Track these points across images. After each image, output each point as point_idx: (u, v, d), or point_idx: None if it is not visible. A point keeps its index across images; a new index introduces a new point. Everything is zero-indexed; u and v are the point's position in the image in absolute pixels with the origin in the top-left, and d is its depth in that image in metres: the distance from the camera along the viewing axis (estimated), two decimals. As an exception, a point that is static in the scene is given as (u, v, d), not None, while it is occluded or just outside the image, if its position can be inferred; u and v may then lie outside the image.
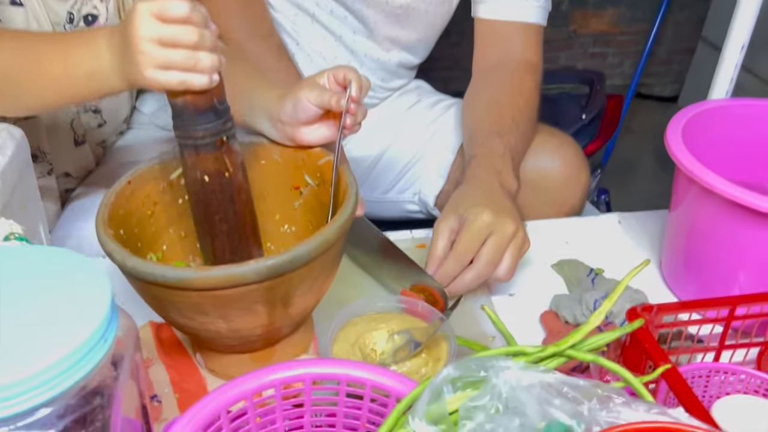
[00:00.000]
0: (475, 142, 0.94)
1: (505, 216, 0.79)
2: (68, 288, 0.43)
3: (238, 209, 0.68)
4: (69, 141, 1.05)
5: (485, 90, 1.02)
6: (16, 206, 0.70)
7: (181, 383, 0.74)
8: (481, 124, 0.95)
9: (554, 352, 0.58)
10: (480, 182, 0.87)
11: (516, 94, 0.98)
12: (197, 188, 0.67)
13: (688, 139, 0.83)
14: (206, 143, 0.63)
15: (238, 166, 0.67)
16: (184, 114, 0.62)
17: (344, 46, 1.07)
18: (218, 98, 0.62)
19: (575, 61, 2.81)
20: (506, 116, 0.95)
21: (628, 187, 2.41)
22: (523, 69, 1.01)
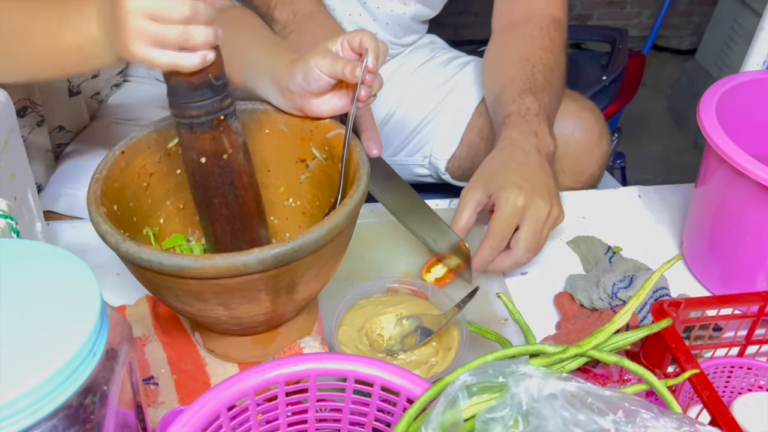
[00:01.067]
0: (506, 100, 0.88)
1: (538, 196, 0.75)
2: (52, 295, 0.39)
3: (239, 194, 0.63)
4: (63, 91, 1.00)
5: (513, 45, 0.95)
6: (3, 175, 0.66)
7: (178, 363, 0.71)
8: (513, 82, 0.89)
9: (576, 353, 0.55)
10: (515, 148, 0.81)
11: (547, 51, 0.92)
12: (194, 169, 0.62)
13: (721, 114, 0.77)
14: (202, 122, 0.58)
15: (239, 147, 0.62)
16: (179, 90, 0.57)
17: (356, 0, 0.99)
18: (215, 74, 0.57)
19: (592, 10, 2.70)
20: (538, 74, 0.89)
21: (641, 144, 2.35)
22: (552, 25, 0.95)
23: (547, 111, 0.86)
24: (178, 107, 0.58)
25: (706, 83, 0.90)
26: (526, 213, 0.75)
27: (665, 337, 0.59)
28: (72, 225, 0.87)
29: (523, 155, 0.80)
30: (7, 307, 0.38)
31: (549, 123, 0.85)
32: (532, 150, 0.80)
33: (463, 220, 0.78)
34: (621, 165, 1.58)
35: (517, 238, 0.75)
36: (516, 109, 0.85)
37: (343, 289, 0.77)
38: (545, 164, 0.80)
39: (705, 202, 0.81)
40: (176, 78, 0.56)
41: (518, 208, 0.74)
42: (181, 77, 0.56)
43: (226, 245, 0.66)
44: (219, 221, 0.64)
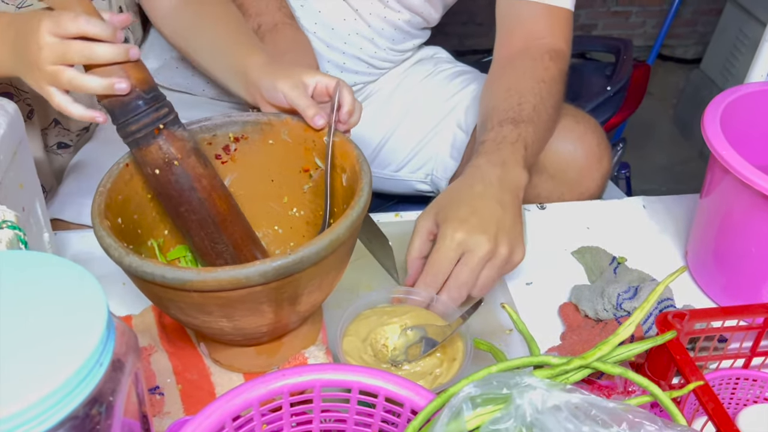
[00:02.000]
0: (485, 128, 0.85)
1: (481, 232, 0.71)
2: (59, 307, 0.40)
3: (202, 197, 0.64)
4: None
5: (505, 76, 0.92)
6: (11, 186, 0.66)
7: (184, 373, 0.71)
8: (496, 111, 0.86)
9: (580, 364, 0.55)
10: (476, 179, 0.78)
11: (539, 81, 0.89)
12: (154, 184, 0.64)
13: (726, 125, 0.77)
14: (143, 135, 0.61)
15: (188, 152, 0.63)
16: (114, 111, 0.60)
17: (347, 4, 1.00)
18: (143, 88, 0.60)
19: (596, 20, 2.71)
20: (526, 104, 0.86)
21: (646, 153, 2.34)
22: (548, 56, 0.92)
23: (527, 142, 0.82)
24: (119, 127, 0.61)
25: (712, 92, 0.90)
26: (465, 249, 0.71)
27: (670, 349, 0.59)
28: (79, 234, 0.87)
29: (482, 187, 0.76)
30: (16, 318, 0.39)
31: (526, 154, 0.82)
32: (493, 181, 0.77)
33: (414, 248, 0.76)
34: (626, 175, 1.58)
35: (452, 273, 0.72)
36: (492, 136, 0.82)
37: (347, 298, 0.77)
38: (505, 198, 0.76)
39: (709, 213, 0.81)
40: (107, 100, 0.59)
41: (455, 243, 0.71)
42: (112, 98, 0.59)
43: (206, 252, 0.67)
44: (193, 229, 0.65)
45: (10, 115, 0.66)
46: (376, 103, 1.12)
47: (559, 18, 0.95)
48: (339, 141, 0.69)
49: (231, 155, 0.72)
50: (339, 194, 0.70)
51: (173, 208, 0.65)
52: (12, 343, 0.38)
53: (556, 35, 0.94)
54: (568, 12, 0.95)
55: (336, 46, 1.01)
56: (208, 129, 0.70)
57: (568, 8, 0.95)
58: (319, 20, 0.99)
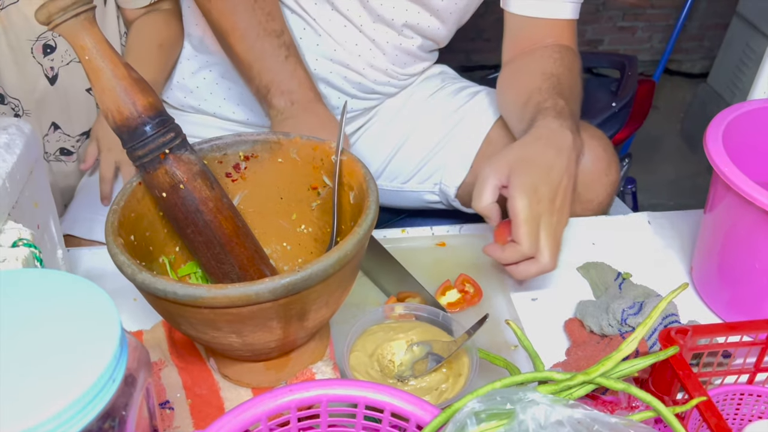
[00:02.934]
0: (539, 100, 0.87)
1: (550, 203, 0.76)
2: (73, 323, 0.41)
3: (208, 219, 0.65)
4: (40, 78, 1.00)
5: (534, 63, 0.95)
6: (26, 205, 0.68)
7: (193, 388, 0.72)
8: (541, 90, 0.89)
9: (583, 380, 0.55)
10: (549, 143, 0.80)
11: (568, 69, 0.93)
12: (161, 206, 0.66)
13: (729, 141, 0.78)
14: (150, 159, 0.62)
15: (195, 175, 0.64)
16: (123, 137, 0.61)
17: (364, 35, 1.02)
18: (149, 114, 0.61)
19: (603, 35, 2.72)
20: (564, 86, 0.90)
21: (653, 167, 2.35)
22: (566, 51, 0.96)
23: (576, 118, 0.87)
24: (128, 151, 0.62)
25: (719, 107, 0.91)
26: (538, 221, 0.76)
27: (673, 365, 0.60)
28: (91, 251, 0.89)
29: (554, 154, 0.79)
30: (32, 335, 0.40)
31: (577, 128, 0.86)
32: (564, 148, 0.80)
33: (484, 197, 0.78)
34: (632, 190, 1.59)
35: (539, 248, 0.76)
36: (551, 104, 0.86)
37: (354, 314, 0.79)
38: (572, 168, 0.80)
39: (713, 229, 0.82)
40: (116, 127, 0.61)
41: (531, 218, 0.75)
42: (120, 124, 0.60)
43: (213, 271, 0.68)
44: (200, 249, 0.67)
45: (26, 135, 0.68)
46: (383, 120, 1.13)
47: (565, 27, 0.99)
48: (346, 160, 0.70)
49: (241, 173, 0.74)
50: (347, 211, 0.71)
51: (180, 229, 0.67)
52: (28, 359, 0.39)
53: (565, 39, 0.99)
54: (573, 21, 1.00)
55: (352, 78, 1.03)
56: (219, 148, 0.72)
57: (572, 18, 0.99)
58: (334, 57, 1.01)
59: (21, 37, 0.97)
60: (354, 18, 0.99)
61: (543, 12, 0.97)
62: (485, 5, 1.13)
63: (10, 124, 0.67)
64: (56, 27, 0.57)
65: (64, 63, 1.01)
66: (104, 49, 0.59)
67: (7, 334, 0.40)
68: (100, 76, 0.59)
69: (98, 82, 0.60)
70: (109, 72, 0.59)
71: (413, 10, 1.00)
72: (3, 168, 0.61)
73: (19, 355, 0.39)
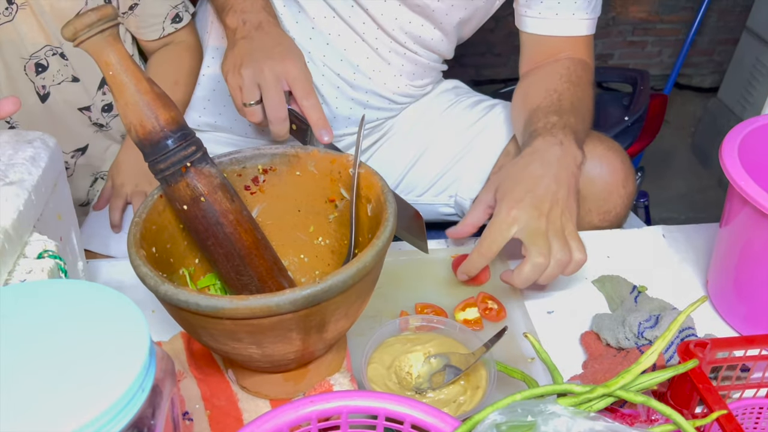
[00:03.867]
0: (532, 122, 0.90)
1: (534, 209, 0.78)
2: (103, 333, 0.42)
3: (228, 231, 0.66)
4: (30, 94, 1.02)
5: (539, 81, 0.98)
6: (51, 217, 0.69)
7: (212, 399, 0.72)
8: (540, 108, 0.92)
9: (603, 392, 0.56)
10: (534, 159, 0.83)
11: (573, 84, 0.95)
12: (183, 218, 0.66)
13: (744, 155, 0.78)
14: (172, 173, 0.63)
15: (215, 188, 0.65)
16: (145, 150, 0.62)
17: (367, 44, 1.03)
18: (171, 128, 0.62)
19: (613, 49, 2.73)
20: (565, 101, 0.92)
21: (665, 181, 2.35)
22: (579, 65, 0.98)
23: (573, 129, 0.88)
24: (150, 165, 0.63)
25: (730, 121, 0.91)
26: (519, 223, 0.78)
27: (692, 378, 0.60)
28: (109, 264, 0.90)
29: (539, 167, 0.82)
30: (62, 345, 0.41)
31: (576, 138, 0.87)
32: (551, 160, 0.82)
33: (472, 216, 0.85)
34: (645, 204, 1.59)
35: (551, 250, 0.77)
36: (542, 125, 0.88)
37: (371, 326, 0.79)
38: (562, 175, 0.81)
39: (729, 243, 0.82)
40: (139, 141, 0.62)
41: (510, 218, 0.78)
42: (143, 137, 0.61)
43: (233, 282, 0.69)
44: (220, 261, 0.67)
45: (51, 149, 0.69)
46: (398, 135, 1.14)
47: (581, 42, 1.01)
48: (364, 172, 0.71)
49: (260, 186, 0.75)
50: (364, 224, 0.72)
51: (201, 241, 0.68)
52: (59, 369, 0.40)
53: (581, 53, 1.00)
54: (590, 36, 1.01)
55: (360, 85, 1.04)
56: (238, 161, 0.73)
57: (588, 35, 1.01)
58: (345, 58, 1.02)
59: (14, 54, 0.98)
60: (357, 26, 1.00)
61: (558, 30, 0.98)
62: (495, 21, 1.15)
63: (36, 137, 0.68)
64: (81, 43, 0.58)
65: (55, 83, 1.03)
66: (128, 65, 0.60)
67: (38, 344, 0.41)
68: (124, 91, 0.60)
69: (122, 97, 0.61)
70: (133, 87, 0.60)
71: (416, 22, 1.01)
72: (29, 181, 0.62)
73: (50, 364, 0.40)
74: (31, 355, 0.40)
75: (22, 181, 0.62)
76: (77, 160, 1.10)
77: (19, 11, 0.95)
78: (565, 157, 0.83)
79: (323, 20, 1.00)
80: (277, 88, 0.82)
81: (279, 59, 0.82)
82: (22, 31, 0.96)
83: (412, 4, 0.98)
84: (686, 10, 2.62)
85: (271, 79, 0.81)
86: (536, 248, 0.77)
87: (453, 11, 1.00)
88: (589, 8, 0.99)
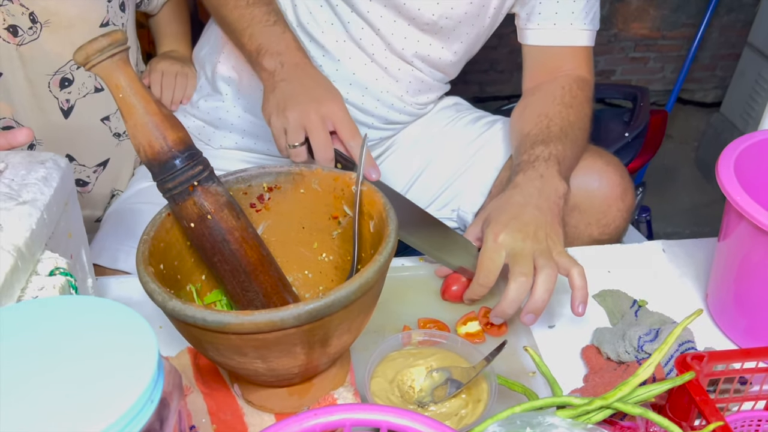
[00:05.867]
0: (519, 152, 0.94)
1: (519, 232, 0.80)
2: (113, 346, 0.43)
3: (234, 248, 0.67)
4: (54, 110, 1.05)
5: (534, 103, 1.01)
6: (62, 235, 0.70)
7: (218, 413, 0.74)
8: (528, 135, 0.95)
9: (601, 405, 0.57)
10: (516, 192, 0.87)
11: (567, 106, 0.98)
12: (189, 235, 0.68)
13: (741, 170, 0.80)
14: (179, 191, 0.65)
15: (221, 206, 0.67)
16: (154, 170, 0.64)
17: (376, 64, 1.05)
18: (179, 148, 0.63)
19: (615, 66, 2.75)
20: (554, 126, 0.95)
21: (669, 196, 2.36)
22: (575, 84, 1.00)
23: (559, 158, 0.91)
24: (158, 184, 0.65)
25: (733, 135, 0.93)
26: (506, 247, 0.80)
27: (690, 390, 0.61)
28: (118, 280, 0.92)
29: (521, 197, 0.85)
30: (73, 359, 0.42)
31: (560, 168, 0.90)
32: (533, 192, 0.85)
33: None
34: (647, 219, 1.60)
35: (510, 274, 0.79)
36: (526, 158, 0.91)
37: (374, 341, 0.80)
38: (543, 204, 0.84)
39: (728, 257, 0.83)
40: (148, 161, 0.63)
41: (497, 243, 0.80)
42: (151, 157, 0.63)
43: (238, 298, 0.70)
44: (226, 277, 0.69)
45: (62, 169, 0.71)
46: (400, 150, 1.16)
47: (580, 54, 1.03)
48: (366, 190, 0.73)
49: (265, 204, 0.76)
50: (367, 240, 0.74)
51: (208, 258, 0.69)
52: (70, 381, 0.41)
53: (581, 67, 1.03)
54: (589, 48, 1.04)
55: (368, 109, 1.06)
56: (244, 180, 0.75)
57: (588, 45, 1.04)
58: (354, 81, 1.04)
59: (39, 71, 1.01)
60: (367, 47, 1.02)
61: (558, 40, 1.02)
62: (498, 38, 1.17)
63: (47, 158, 0.71)
64: (93, 67, 0.60)
65: (81, 95, 1.06)
66: (137, 87, 0.62)
67: (50, 358, 0.43)
68: (133, 113, 0.62)
69: (131, 118, 0.63)
70: (142, 109, 0.62)
71: (425, 41, 1.03)
72: (41, 200, 0.64)
73: (62, 377, 0.41)
74: (43, 369, 0.42)
75: (35, 201, 0.64)
76: (99, 174, 1.13)
77: (44, 29, 0.98)
78: (545, 188, 0.86)
79: (335, 44, 1.02)
80: (324, 129, 0.83)
81: (323, 101, 0.84)
82: (47, 47, 0.99)
83: (421, 23, 1.00)
84: (687, 26, 2.64)
85: (317, 122, 0.82)
86: (518, 268, 0.78)
87: (461, 27, 1.03)
88: (587, 19, 1.02)
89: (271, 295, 0.71)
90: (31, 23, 0.97)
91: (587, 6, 1.01)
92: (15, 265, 0.58)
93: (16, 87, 1.00)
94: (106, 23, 1.04)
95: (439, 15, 0.99)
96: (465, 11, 1.00)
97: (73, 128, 1.07)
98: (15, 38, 0.96)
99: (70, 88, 1.04)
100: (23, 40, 0.97)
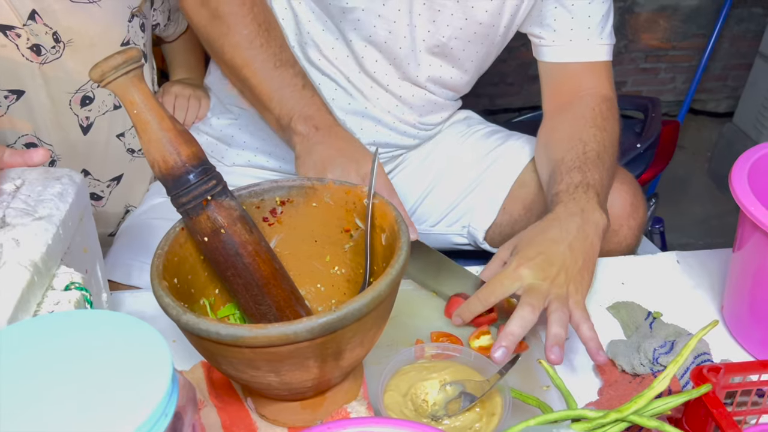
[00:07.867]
0: (555, 180, 0.90)
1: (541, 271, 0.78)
2: (128, 360, 0.44)
3: (247, 262, 0.68)
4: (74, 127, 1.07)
5: (564, 125, 0.98)
6: (77, 250, 0.71)
7: (231, 427, 0.74)
8: (563, 162, 0.91)
9: (617, 418, 0.56)
10: (553, 224, 0.83)
11: (600, 129, 0.95)
12: (203, 250, 0.68)
13: (754, 180, 0.79)
14: (193, 206, 0.65)
15: (234, 221, 0.67)
16: (168, 185, 0.64)
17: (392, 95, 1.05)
18: (193, 163, 0.64)
19: (626, 77, 2.75)
20: (591, 152, 0.92)
21: (683, 207, 2.34)
22: (604, 104, 0.98)
23: (597, 188, 0.87)
24: (172, 198, 0.65)
25: (746, 145, 0.92)
26: (522, 281, 0.78)
27: (706, 403, 0.60)
28: (132, 295, 0.92)
29: (558, 233, 0.82)
30: (89, 372, 0.43)
31: (599, 200, 0.86)
32: (571, 229, 0.82)
33: (489, 269, 0.88)
34: (660, 230, 1.59)
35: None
36: (564, 187, 0.88)
37: (387, 354, 0.80)
38: (577, 244, 0.81)
39: (743, 267, 0.82)
40: (162, 176, 0.64)
41: (516, 274, 0.78)
42: (165, 173, 0.63)
43: (251, 312, 0.70)
44: (239, 291, 0.69)
45: (77, 184, 0.72)
46: (411, 165, 1.16)
47: (600, 70, 1.01)
48: (378, 203, 0.73)
49: (277, 218, 0.77)
50: (379, 253, 0.74)
51: (221, 271, 0.70)
52: (86, 395, 0.41)
53: (603, 85, 1.01)
54: (608, 63, 1.02)
55: (382, 134, 1.07)
56: (257, 194, 0.75)
57: (608, 60, 1.02)
58: (366, 115, 1.04)
59: (61, 89, 1.03)
60: (380, 78, 1.02)
61: (576, 56, 0.99)
62: (507, 51, 1.17)
63: (63, 174, 0.71)
64: (108, 84, 0.61)
65: (100, 113, 1.08)
66: (151, 104, 0.63)
67: (66, 371, 0.43)
68: (147, 129, 0.63)
69: (145, 134, 0.63)
70: (156, 124, 0.63)
71: (436, 64, 1.03)
72: (57, 216, 0.65)
73: (77, 390, 0.42)
74: (59, 382, 0.42)
75: (51, 216, 0.65)
76: (112, 189, 1.14)
77: (66, 48, 1.00)
78: (585, 226, 0.82)
79: (346, 81, 1.03)
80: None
81: (360, 162, 0.85)
82: (69, 66, 1.01)
83: (431, 44, 1.00)
84: (698, 36, 2.63)
85: (359, 181, 0.83)
86: (527, 300, 0.76)
87: (470, 47, 1.02)
88: (603, 33, 1.00)
89: (284, 308, 0.71)
90: (54, 42, 0.99)
91: (603, 21, 0.99)
92: (31, 280, 0.59)
93: (38, 105, 1.02)
94: (127, 42, 1.06)
95: (448, 36, 0.99)
96: (474, 31, 1.00)
97: (90, 144, 1.09)
98: (38, 57, 0.98)
99: (90, 105, 1.06)
100: (46, 59, 0.99)
